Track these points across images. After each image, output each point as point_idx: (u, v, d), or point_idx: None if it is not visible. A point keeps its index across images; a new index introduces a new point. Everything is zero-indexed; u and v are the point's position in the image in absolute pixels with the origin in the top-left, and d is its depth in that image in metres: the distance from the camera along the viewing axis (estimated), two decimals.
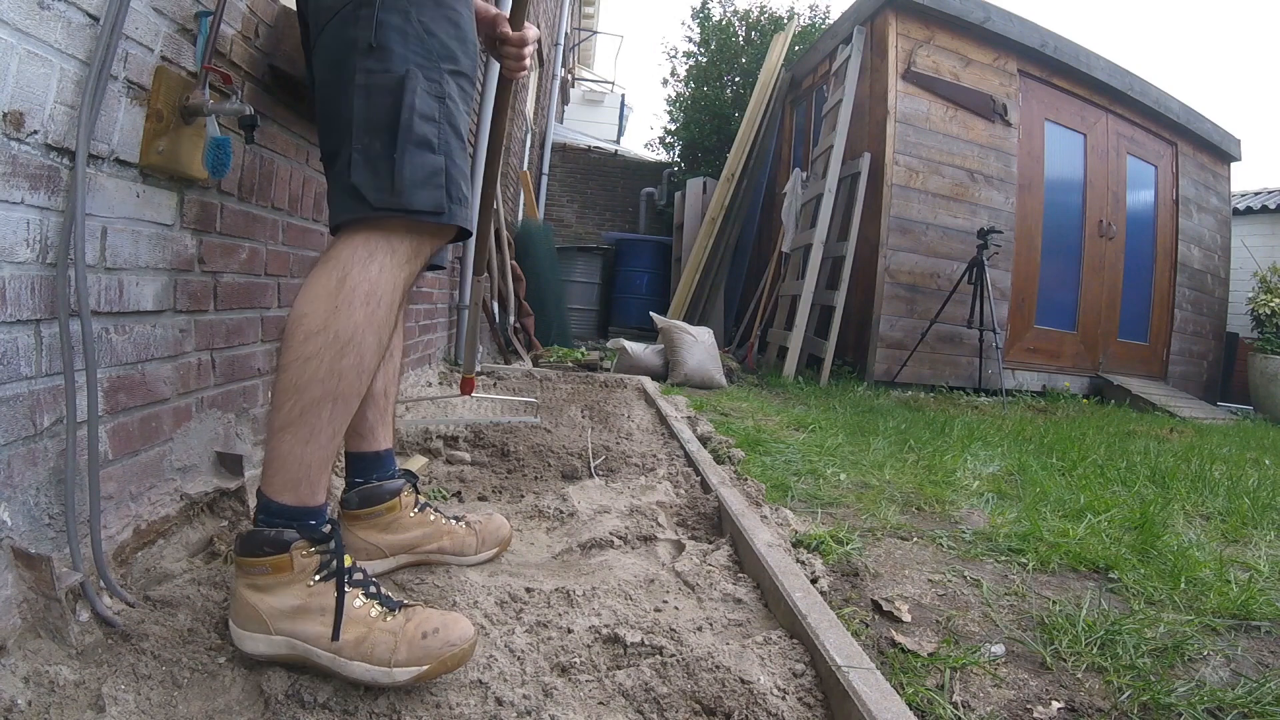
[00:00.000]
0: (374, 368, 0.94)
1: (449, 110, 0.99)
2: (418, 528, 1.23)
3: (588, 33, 13.15)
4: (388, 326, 0.95)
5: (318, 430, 0.90)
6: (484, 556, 1.29)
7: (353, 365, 0.91)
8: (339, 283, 0.92)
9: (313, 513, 0.91)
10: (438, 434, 2.12)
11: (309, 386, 0.89)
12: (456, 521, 1.28)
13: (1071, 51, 5.64)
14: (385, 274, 0.94)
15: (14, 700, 0.75)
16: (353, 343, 0.91)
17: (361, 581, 0.92)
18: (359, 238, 0.94)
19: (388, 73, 0.95)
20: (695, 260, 6.79)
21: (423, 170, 0.95)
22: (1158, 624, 1.23)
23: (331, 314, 0.90)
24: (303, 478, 0.90)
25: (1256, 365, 5.99)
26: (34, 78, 0.80)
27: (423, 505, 1.26)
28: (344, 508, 1.19)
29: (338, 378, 0.90)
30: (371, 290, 0.92)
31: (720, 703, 0.89)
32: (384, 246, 0.95)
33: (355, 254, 0.93)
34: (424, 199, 0.95)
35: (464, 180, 1.00)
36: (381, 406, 1.23)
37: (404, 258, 0.96)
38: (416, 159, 0.94)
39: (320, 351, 0.89)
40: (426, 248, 1.01)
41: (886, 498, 1.98)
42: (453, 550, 1.25)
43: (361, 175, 0.94)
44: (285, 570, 0.87)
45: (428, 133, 0.96)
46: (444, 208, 0.96)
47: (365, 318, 0.92)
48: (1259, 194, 8.59)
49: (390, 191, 0.93)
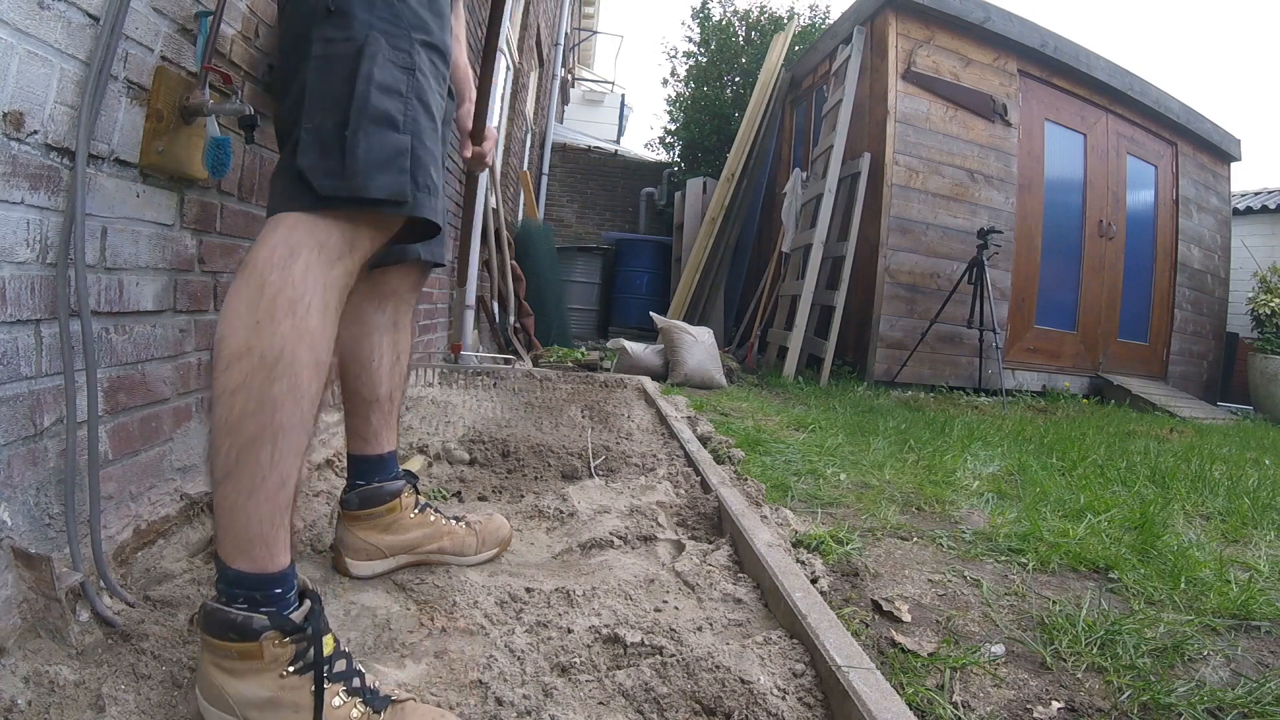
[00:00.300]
0: (316, 392, 0.79)
1: (419, 84, 0.86)
2: (418, 528, 1.21)
3: (588, 33, 13.15)
4: (324, 337, 0.80)
5: (261, 477, 0.76)
6: (484, 557, 1.29)
7: (287, 390, 0.76)
8: (257, 291, 0.77)
9: (276, 581, 0.77)
10: (441, 436, 2.12)
11: (241, 424, 0.75)
12: (456, 522, 1.27)
13: (1071, 51, 5.64)
14: (312, 274, 0.79)
15: (14, 700, 0.75)
16: (282, 362, 0.76)
17: (344, 674, 0.78)
18: (279, 234, 0.80)
19: (348, 40, 0.83)
20: (695, 260, 6.79)
21: (382, 150, 0.81)
22: (1158, 624, 1.23)
23: (253, 331, 0.75)
24: (256, 538, 0.76)
25: (1256, 365, 5.99)
26: (34, 78, 0.80)
27: (423, 506, 1.24)
28: (344, 508, 1.18)
29: (272, 408, 0.75)
30: (296, 295, 0.77)
31: (720, 703, 0.89)
32: (309, 241, 0.80)
33: (274, 253, 0.78)
34: (383, 184, 0.81)
35: (434, 165, 0.88)
36: (386, 411, 1.19)
37: (334, 253, 0.81)
38: (375, 137, 0.81)
39: (247, 379, 0.75)
40: (365, 241, 0.85)
41: (886, 498, 1.98)
42: (453, 550, 1.25)
43: (309, 158, 0.81)
44: (255, 659, 0.74)
45: (389, 107, 0.82)
46: (407, 195, 0.83)
47: (292, 329, 0.77)
48: (1259, 194, 8.59)
49: (341, 176, 0.80)
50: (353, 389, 1.17)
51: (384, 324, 1.18)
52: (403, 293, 1.20)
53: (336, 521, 1.20)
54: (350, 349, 1.16)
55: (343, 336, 1.15)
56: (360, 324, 1.16)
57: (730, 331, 6.89)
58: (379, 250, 0.89)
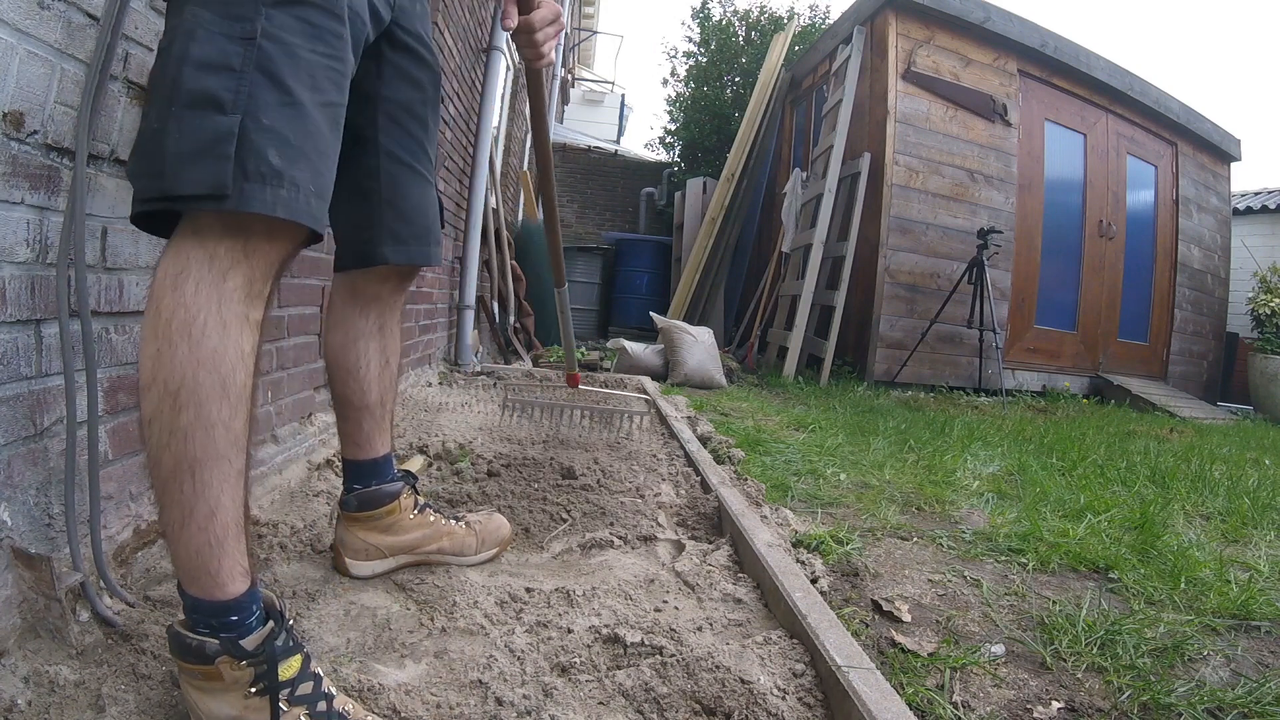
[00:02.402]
0: (229, 418, 0.74)
1: (265, 54, 0.74)
2: (417, 529, 1.21)
3: (588, 33, 13.15)
4: (230, 357, 0.74)
5: (188, 509, 0.73)
6: (484, 557, 1.29)
7: (195, 420, 0.72)
8: (155, 315, 0.72)
9: (229, 608, 0.75)
10: (443, 438, 2.12)
11: (159, 457, 0.72)
12: (456, 522, 1.27)
13: (1071, 51, 5.64)
14: (204, 290, 0.72)
15: (14, 700, 0.75)
16: (184, 391, 0.71)
17: (308, 697, 0.76)
18: (170, 251, 0.74)
19: (175, 27, 0.74)
20: (695, 260, 6.79)
21: (196, 137, 0.70)
22: (1158, 624, 1.23)
23: (156, 359, 0.72)
24: (199, 568, 0.73)
25: (1256, 365, 5.99)
26: (34, 78, 0.80)
27: (423, 506, 1.24)
28: (343, 509, 1.18)
29: (183, 439, 0.72)
30: (189, 317, 0.72)
31: (720, 703, 0.89)
32: (197, 255, 0.73)
33: (166, 273, 0.73)
34: (193, 177, 0.70)
35: (282, 150, 0.74)
36: (378, 417, 1.17)
37: (226, 263, 0.74)
38: (188, 123, 0.71)
39: (157, 411, 0.72)
40: (263, 247, 0.76)
41: (886, 498, 1.99)
42: (452, 551, 1.24)
43: (131, 162, 0.75)
44: (217, 680, 0.74)
45: (210, 86, 0.71)
46: (226, 188, 0.71)
47: (189, 354, 0.71)
48: (1259, 194, 8.59)
49: (152, 175, 0.71)
50: (342, 396, 1.15)
51: (369, 330, 1.14)
52: (385, 297, 1.15)
53: (336, 522, 1.20)
54: (336, 356, 1.13)
55: (329, 343, 1.14)
56: (344, 330, 1.13)
57: (730, 331, 6.89)
58: (291, 251, 0.81)
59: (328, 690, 0.78)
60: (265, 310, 0.79)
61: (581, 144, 9.63)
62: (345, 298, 1.13)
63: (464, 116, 3.49)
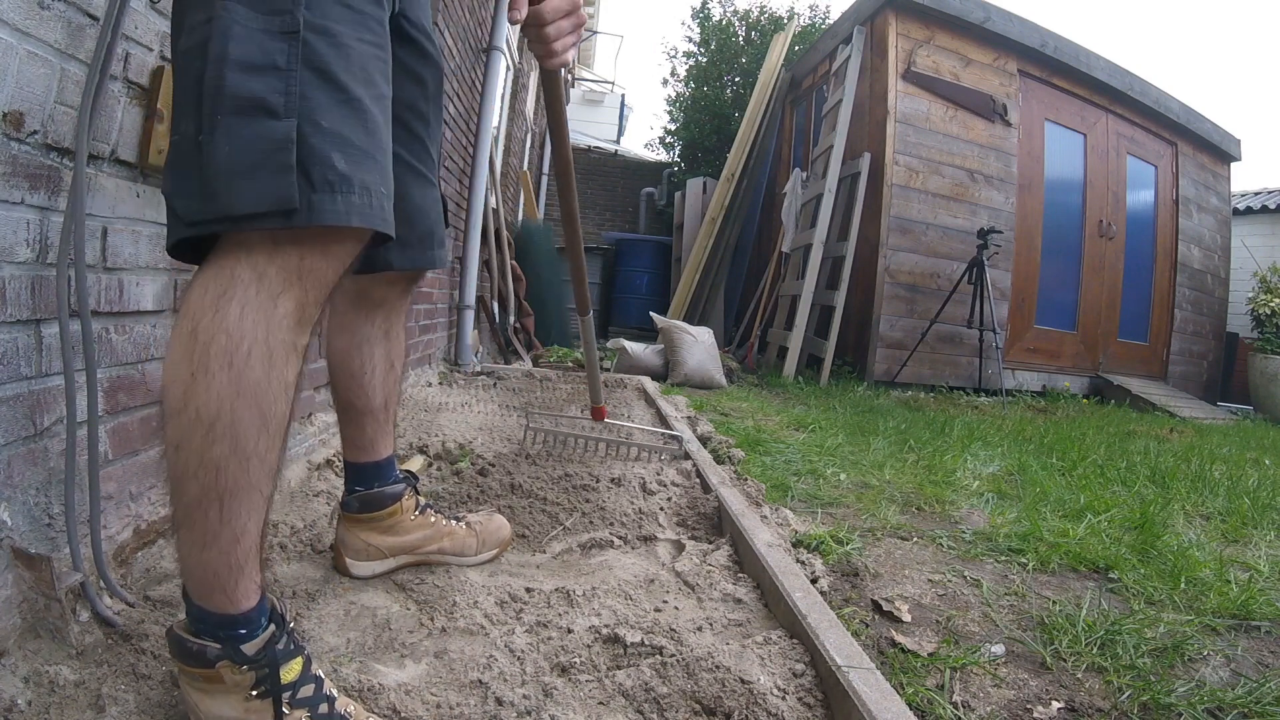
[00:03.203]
0: (265, 451, 0.70)
1: (312, 48, 0.67)
2: (418, 530, 1.21)
3: (588, 33, 13.14)
4: (274, 390, 0.69)
5: (213, 534, 0.70)
6: (484, 557, 1.29)
7: (229, 453, 0.68)
8: (190, 338, 0.67)
9: (238, 622, 0.73)
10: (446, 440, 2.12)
11: (185, 483, 0.69)
12: (457, 522, 1.27)
13: (1071, 51, 5.64)
14: (250, 315, 0.67)
15: (14, 700, 0.75)
16: (220, 423, 0.67)
17: (309, 700, 0.75)
18: (210, 269, 0.68)
19: (207, 22, 0.66)
20: (695, 260, 6.79)
21: (249, 148, 0.64)
22: (1158, 624, 1.23)
23: (190, 385, 0.67)
24: (215, 586, 0.72)
25: (1256, 365, 5.99)
26: (34, 78, 0.80)
27: (424, 507, 1.23)
28: (344, 510, 1.17)
29: (214, 471, 0.68)
30: (233, 344, 0.66)
31: (720, 703, 0.89)
32: (245, 275, 0.67)
33: (206, 293, 0.67)
34: (253, 194, 0.64)
35: (346, 153, 0.69)
36: (381, 420, 1.15)
37: (277, 285, 0.68)
38: (237, 132, 0.64)
39: (186, 438, 0.67)
40: (319, 263, 0.70)
41: (886, 498, 1.99)
42: (453, 551, 1.24)
43: (170, 179, 0.68)
44: (218, 683, 0.73)
45: (257, 89, 0.65)
46: (293, 201, 0.65)
47: (229, 385, 0.66)
48: (1259, 194, 8.59)
49: (202, 195, 0.65)
50: (345, 400, 1.13)
51: (375, 335, 1.11)
52: (392, 300, 1.13)
53: (337, 522, 1.19)
54: (340, 361, 1.11)
55: (332, 348, 1.11)
56: (349, 335, 1.10)
57: (730, 331, 6.89)
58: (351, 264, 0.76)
59: (329, 692, 0.78)
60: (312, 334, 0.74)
61: (581, 144, 9.64)
62: (350, 302, 1.10)
63: (464, 116, 3.49)
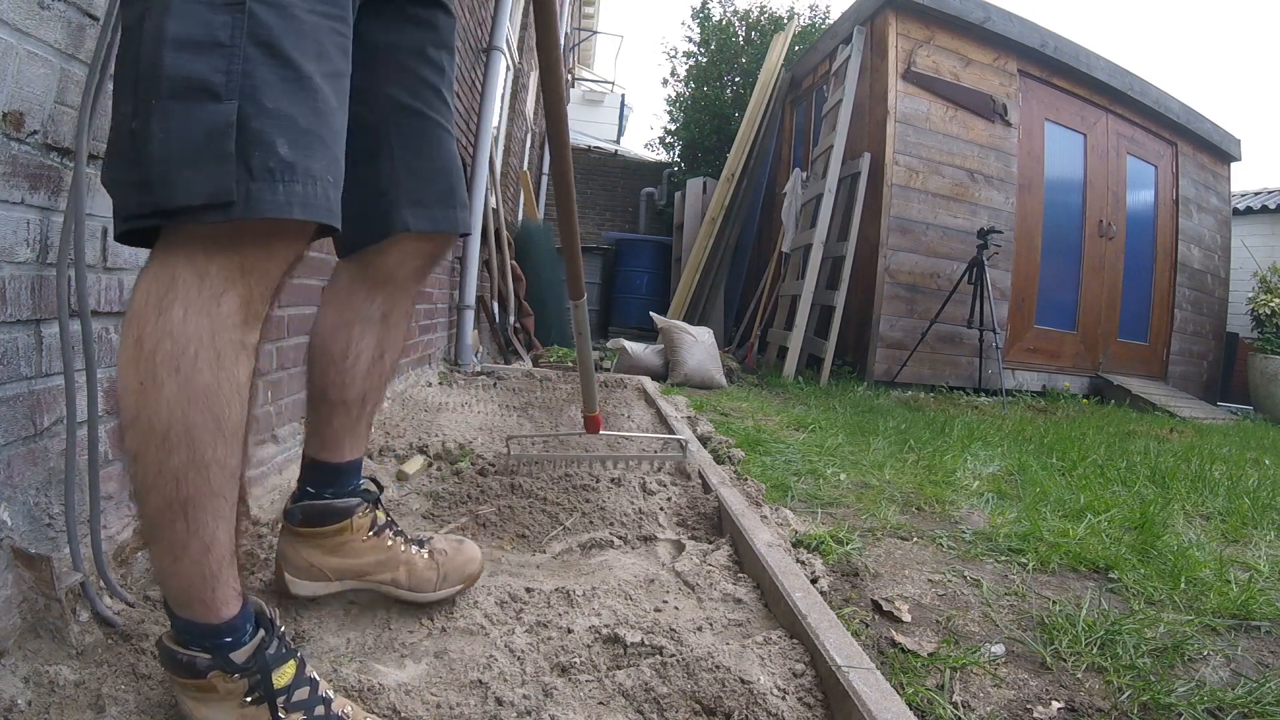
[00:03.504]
0: (225, 456, 0.67)
1: (258, 21, 0.62)
2: (370, 553, 1.02)
3: (588, 33, 13.14)
4: (225, 391, 0.65)
5: (181, 545, 0.67)
6: (442, 595, 1.06)
7: (187, 463, 0.64)
8: (135, 346, 0.64)
9: (221, 630, 0.71)
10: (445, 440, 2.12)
11: (147, 495, 0.66)
12: (419, 548, 1.07)
13: (1071, 51, 5.64)
14: (194, 317, 0.63)
15: (14, 700, 0.75)
16: (173, 432, 0.63)
17: (304, 703, 0.73)
18: (151, 269, 0.65)
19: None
20: (695, 260, 6.79)
21: (186, 134, 0.59)
22: (1158, 624, 1.23)
23: (140, 394, 0.63)
24: (192, 597, 0.70)
25: (1256, 365, 5.99)
26: (34, 78, 0.80)
27: (381, 527, 1.04)
28: (286, 519, 1.01)
29: (174, 481, 0.65)
30: (178, 348, 0.63)
31: (720, 703, 0.89)
32: (185, 274, 0.63)
33: (148, 296, 0.64)
34: (189, 184, 0.59)
35: (290, 137, 0.63)
36: (355, 416, 1.00)
37: (219, 283, 0.64)
38: (176, 118, 0.59)
39: (142, 449, 0.65)
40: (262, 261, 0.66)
41: (886, 498, 1.99)
42: (407, 585, 1.04)
43: (106, 168, 0.65)
44: (211, 692, 0.71)
45: (195, 69, 0.59)
46: (230, 193, 0.60)
47: (179, 391, 0.63)
48: (1259, 194, 8.59)
49: (137, 185, 0.61)
50: (319, 386, 0.98)
51: (372, 316, 0.97)
52: (400, 279, 0.98)
53: (280, 529, 1.04)
54: (323, 341, 0.97)
55: (319, 321, 0.98)
56: (340, 311, 0.97)
57: (730, 331, 6.89)
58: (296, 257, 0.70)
59: (325, 694, 0.76)
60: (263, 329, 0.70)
61: (581, 144, 9.64)
62: (352, 275, 0.98)
63: (464, 116, 3.49)
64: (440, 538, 1.11)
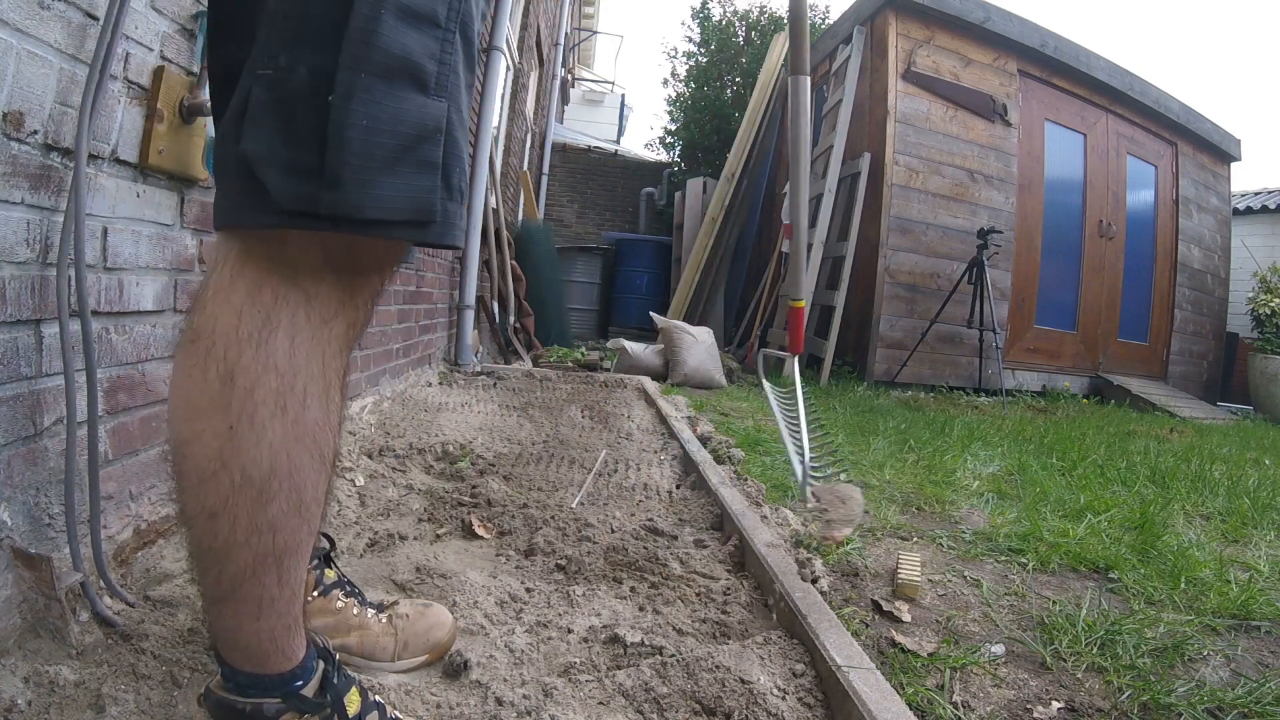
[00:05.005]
0: (323, 492, 0.60)
1: (467, 9, 0.52)
2: (316, 616, 0.92)
3: (588, 33, 13.15)
4: (331, 425, 0.58)
5: (269, 600, 0.59)
6: (401, 666, 0.94)
7: (289, 510, 0.57)
8: (223, 381, 0.53)
9: (294, 675, 0.64)
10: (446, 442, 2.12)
11: (229, 554, 0.56)
12: (377, 612, 0.96)
13: (1071, 51, 5.64)
14: (303, 347, 0.54)
15: (14, 700, 0.75)
16: (276, 478, 0.55)
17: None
18: (236, 283, 0.53)
19: None
20: (695, 260, 6.79)
21: (397, 128, 0.49)
22: (1158, 624, 1.23)
23: (227, 440, 0.53)
24: (270, 650, 0.62)
25: (1256, 365, 5.99)
26: (34, 78, 0.80)
27: (329, 587, 0.94)
28: None
29: (271, 533, 0.56)
30: (285, 385, 0.54)
31: (720, 703, 0.89)
32: (289, 293, 0.53)
33: (239, 319, 0.52)
34: (397, 196, 0.50)
35: (467, 159, 0.57)
36: None
37: (330, 306, 0.55)
38: (384, 103, 0.48)
39: (227, 504, 0.54)
40: (374, 278, 0.59)
41: (886, 498, 1.98)
42: (360, 652, 0.93)
43: (261, 138, 0.49)
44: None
45: (414, 49, 0.49)
46: (434, 211, 0.52)
47: (285, 433, 0.54)
48: (1259, 194, 8.59)
49: (320, 178, 0.48)
50: None
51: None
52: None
53: None
54: None
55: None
56: None
57: (730, 331, 6.89)
58: (391, 277, 0.63)
59: (394, 715, 0.73)
60: None
61: (581, 144, 9.62)
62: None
63: None
64: (406, 602, 0.99)
